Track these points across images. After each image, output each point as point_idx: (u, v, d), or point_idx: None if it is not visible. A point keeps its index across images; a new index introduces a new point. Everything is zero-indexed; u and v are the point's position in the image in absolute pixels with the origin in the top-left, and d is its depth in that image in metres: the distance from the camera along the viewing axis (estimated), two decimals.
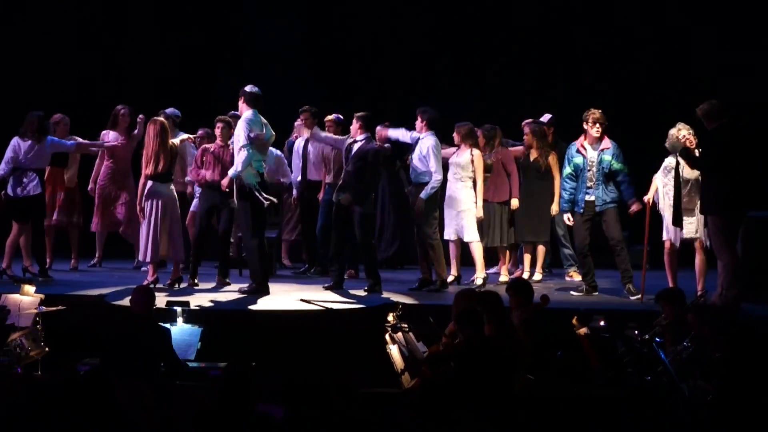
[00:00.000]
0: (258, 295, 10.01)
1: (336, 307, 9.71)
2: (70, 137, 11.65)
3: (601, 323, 8.27)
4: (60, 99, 12.77)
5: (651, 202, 10.22)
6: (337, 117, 11.82)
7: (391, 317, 8.40)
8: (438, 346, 7.76)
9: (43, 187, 11.11)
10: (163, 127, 10.30)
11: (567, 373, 7.77)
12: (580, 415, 7.16)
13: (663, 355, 7.55)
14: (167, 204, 10.32)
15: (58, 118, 11.65)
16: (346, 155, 10.64)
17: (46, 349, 8.42)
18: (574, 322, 8.10)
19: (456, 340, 7.60)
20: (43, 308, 8.64)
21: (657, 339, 7.86)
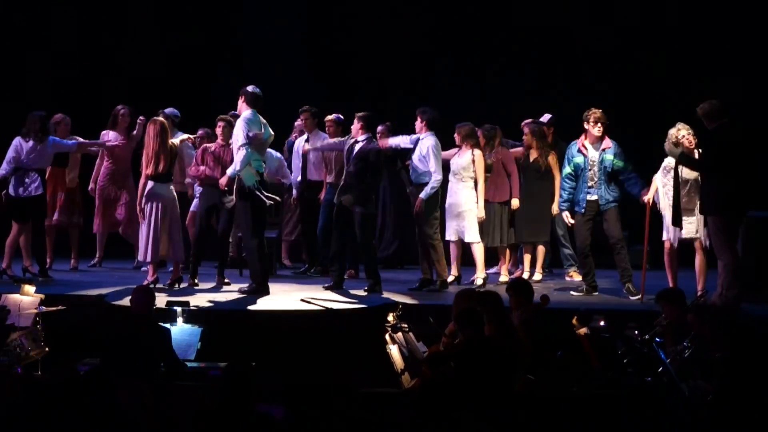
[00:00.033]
0: (258, 295, 10.01)
1: (336, 307, 9.70)
2: (71, 137, 11.66)
3: (601, 323, 8.27)
4: (60, 99, 12.77)
5: (651, 202, 10.22)
6: (337, 117, 11.80)
7: (391, 317, 8.40)
8: (438, 346, 7.76)
9: (45, 188, 11.12)
10: (163, 127, 10.31)
11: (567, 373, 7.77)
12: (580, 415, 7.15)
13: (663, 355, 7.55)
14: (167, 204, 10.32)
15: (59, 118, 11.64)
16: (348, 155, 10.64)
17: (46, 349, 8.41)
18: (574, 322, 8.10)
19: (456, 340, 7.60)
20: (43, 308, 8.64)
21: (657, 339, 7.86)
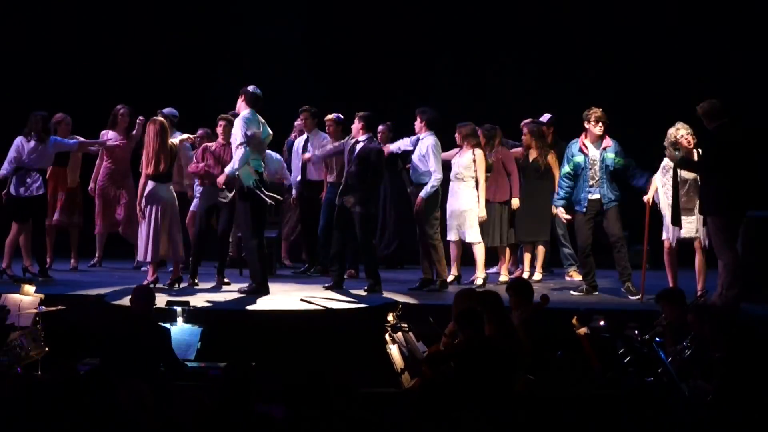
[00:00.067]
0: (258, 295, 10.00)
1: (336, 307, 9.70)
2: (72, 137, 11.66)
3: (601, 323, 8.28)
4: (60, 99, 12.75)
5: (651, 202, 10.22)
6: (337, 117, 11.80)
7: (391, 317, 8.40)
8: (438, 346, 7.75)
9: (46, 187, 11.12)
10: (162, 126, 10.30)
11: (567, 373, 7.77)
12: (580, 415, 7.15)
13: (663, 355, 7.55)
14: (167, 204, 10.32)
15: (60, 118, 11.64)
16: (349, 156, 10.62)
17: (46, 349, 8.42)
18: (574, 322, 8.10)
19: (456, 340, 7.60)
20: (43, 308, 8.65)
21: (657, 339, 7.86)
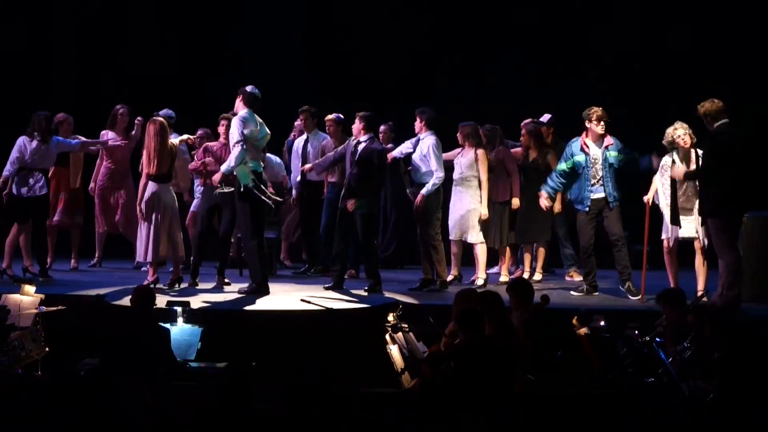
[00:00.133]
0: (258, 295, 10.00)
1: (336, 307, 9.70)
2: (74, 136, 11.65)
3: (602, 323, 8.27)
4: (60, 99, 12.76)
5: (651, 203, 10.22)
6: (337, 117, 11.79)
7: (391, 317, 8.40)
8: (438, 346, 7.76)
9: (48, 188, 11.12)
10: (162, 126, 10.30)
11: (567, 373, 7.77)
12: (580, 415, 7.15)
13: (663, 356, 7.55)
14: (167, 204, 10.32)
15: (61, 118, 11.62)
16: (351, 157, 10.60)
17: (46, 349, 8.41)
18: (574, 322, 8.09)
19: (456, 340, 7.60)
20: (43, 308, 8.64)
21: (657, 339, 7.86)
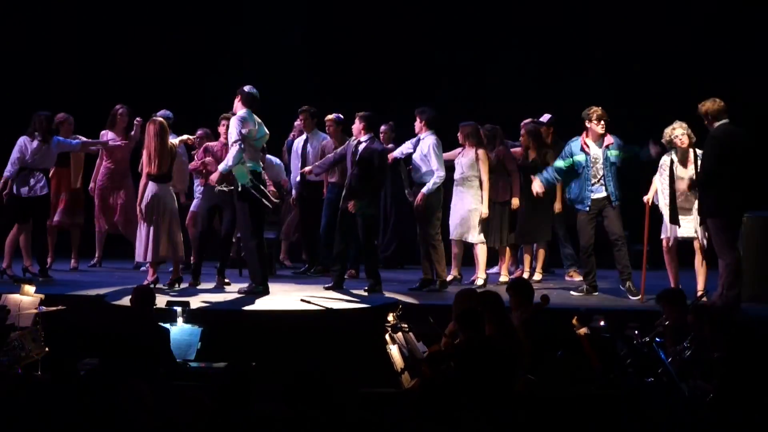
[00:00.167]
0: (258, 295, 10.01)
1: (336, 307, 9.70)
2: (74, 137, 11.65)
3: (601, 323, 8.27)
4: (60, 99, 12.76)
5: (651, 203, 10.22)
6: (337, 116, 11.79)
7: (391, 317, 8.39)
8: (438, 346, 7.76)
9: (49, 188, 11.12)
10: (162, 126, 10.30)
11: (567, 373, 7.77)
12: (580, 415, 7.15)
13: (663, 356, 7.55)
14: (167, 204, 10.32)
15: (62, 118, 11.62)
16: (351, 158, 10.60)
17: (46, 349, 8.42)
18: (574, 322, 8.09)
19: (456, 340, 7.60)
20: (43, 308, 8.65)
21: (657, 339, 7.86)
